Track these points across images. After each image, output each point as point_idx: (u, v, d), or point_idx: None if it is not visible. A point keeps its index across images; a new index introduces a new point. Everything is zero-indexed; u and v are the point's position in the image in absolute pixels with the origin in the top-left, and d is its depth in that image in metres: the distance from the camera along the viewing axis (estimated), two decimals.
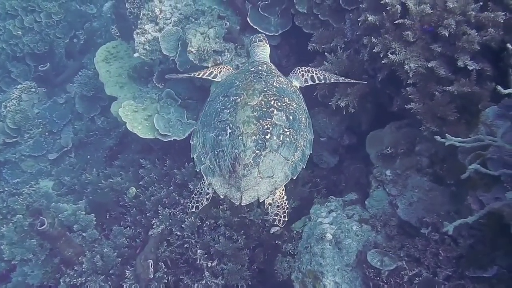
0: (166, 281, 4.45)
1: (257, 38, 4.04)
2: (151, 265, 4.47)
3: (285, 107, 3.33)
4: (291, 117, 3.31)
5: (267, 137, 3.17)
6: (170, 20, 5.40)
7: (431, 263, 3.24)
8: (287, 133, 3.24)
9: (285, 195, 3.33)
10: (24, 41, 7.89)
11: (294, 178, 3.31)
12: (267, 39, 4.10)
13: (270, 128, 3.19)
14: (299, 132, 3.32)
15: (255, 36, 4.10)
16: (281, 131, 3.22)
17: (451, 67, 3.31)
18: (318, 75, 3.81)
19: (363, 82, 3.93)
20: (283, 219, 3.27)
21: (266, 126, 3.20)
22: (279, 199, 3.28)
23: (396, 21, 3.45)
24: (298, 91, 3.68)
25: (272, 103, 3.31)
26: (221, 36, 5.00)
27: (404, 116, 3.98)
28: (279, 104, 3.33)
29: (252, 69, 3.65)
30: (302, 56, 4.82)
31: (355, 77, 4.12)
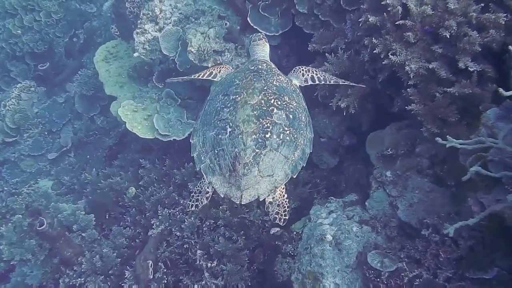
0: (166, 282, 4.45)
1: (257, 37, 4.03)
2: (151, 266, 4.47)
3: (285, 106, 3.33)
4: (291, 116, 3.31)
5: (267, 136, 3.17)
6: (170, 20, 5.39)
7: (432, 265, 3.24)
8: (287, 132, 3.23)
9: (286, 194, 3.33)
10: (24, 40, 7.86)
11: (295, 177, 3.31)
12: (267, 39, 4.09)
13: (270, 127, 3.19)
14: (299, 131, 3.31)
15: (255, 35, 4.08)
16: (281, 130, 3.22)
17: (452, 69, 3.31)
18: (318, 76, 3.79)
19: (362, 86, 3.93)
20: (284, 218, 3.26)
21: (266, 125, 3.19)
22: (280, 198, 3.27)
23: (397, 22, 3.45)
24: (298, 90, 3.67)
25: (272, 102, 3.31)
26: (221, 36, 4.99)
27: (405, 117, 3.97)
28: (279, 103, 3.32)
29: (252, 68, 3.64)
30: (303, 57, 4.81)
31: (356, 78, 4.11)
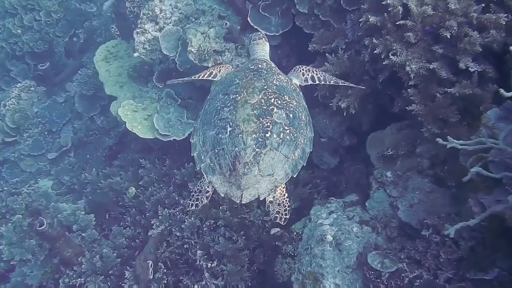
0: (166, 282, 4.45)
1: (257, 36, 4.03)
2: (151, 266, 4.46)
3: (285, 105, 3.32)
4: (291, 115, 3.31)
5: (267, 135, 3.17)
6: (170, 20, 5.38)
7: (432, 265, 3.23)
8: (287, 131, 3.24)
9: (286, 193, 3.33)
10: (24, 40, 7.85)
11: (295, 176, 3.31)
12: (267, 38, 4.09)
13: (270, 126, 3.19)
14: (299, 130, 3.31)
15: (255, 34, 4.08)
16: (281, 129, 3.22)
17: (453, 69, 3.30)
18: (318, 76, 3.79)
19: (362, 88, 3.92)
20: (285, 217, 3.26)
21: (266, 124, 3.19)
22: (280, 197, 3.27)
23: (398, 22, 3.44)
24: (298, 89, 3.67)
25: (272, 101, 3.30)
26: (222, 36, 4.98)
27: (405, 118, 3.96)
28: (279, 102, 3.32)
29: (252, 67, 3.64)
30: (303, 57, 4.80)
31: (356, 78, 4.10)
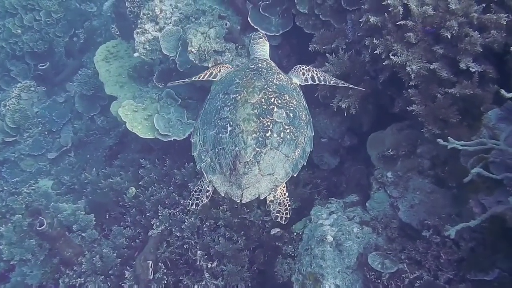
0: (166, 282, 4.44)
1: (256, 36, 4.03)
2: (151, 266, 4.46)
3: (285, 105, 3.33)
4: (292, 115, 3.31)
5: (268, 135, 3.17)
6: (171, 20, 5.37)
7: (432, 266, 3.23)
8: (288, 131, 3.24)
9: (287, 192, 3.32)
10: (24, 40, 7.83)
11: (295, 175, 3.32)
12: (267, 37, 4.08)
13: (271, 126, 3.19)
14: (300, 129, 3.32)
15: (254, 34, 4.09)
16: (282, 129, 3.22)
17: (453, 69, 3.29)
18: (318, 76, 3.79)
19: (361, 89, 3.92)
20: (285, 216, 3.27)
21: (267, 124, 3.19)
22: (281, 196, 3.28)
23: (398, 23, 3.44)
24: (298, 88, 3.67)
25: (272, 101, 3.31)
26: (222, 36, 4.98)
27: (406, 118, 3.96)
28: (279, 102, 3.32)
29: (252, 66, 3.64)
30: (303, 57, 4.79)
31: (357, 78, 4.10)
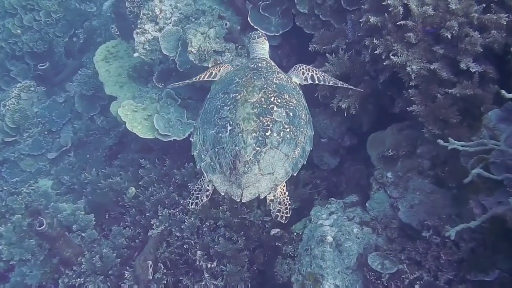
0: (165, 282, 4.44)
1: (256, 35, 4.03)
2: (150, 266, 4.46)
3: (285, 104, 3.33)
4: (291, 114, 3.31)
5: (267, 134, 3.17)
6: (170, 20, 5.37)
7: (432, 267, 3.22)
8: (287, 130, 3.24)
9: (287, 191, 3.32)
10: (24, 40, 7.84)
11: (295, 175, 3.32)
12: (267, 37, 4.08)
13: (270, 125, 3.19)
14: (299, 129, 3.32)
15: (254, 33, 4.09)
16: (281, 128, 3.22)
17: (454, 69, 3.29)
18: (318, 75, 3.79)
19: (360, 90, 3.92)
20: (286, 215, 3.26)
21: (266, 123, 3.19)
22: (281, 195, 3.27)
23: (398, 23, 3.43)
24: (298, 88, 3.67)
25: (272, 100, 3.31)
26: (222, 36, 4.98)
27: (406, 118, 3.95)
28: (279, 101, 3.32)
29: (252, 66, 3.64)
30: (303, 57, 4.79)
31: (357, 79, 4.10)
